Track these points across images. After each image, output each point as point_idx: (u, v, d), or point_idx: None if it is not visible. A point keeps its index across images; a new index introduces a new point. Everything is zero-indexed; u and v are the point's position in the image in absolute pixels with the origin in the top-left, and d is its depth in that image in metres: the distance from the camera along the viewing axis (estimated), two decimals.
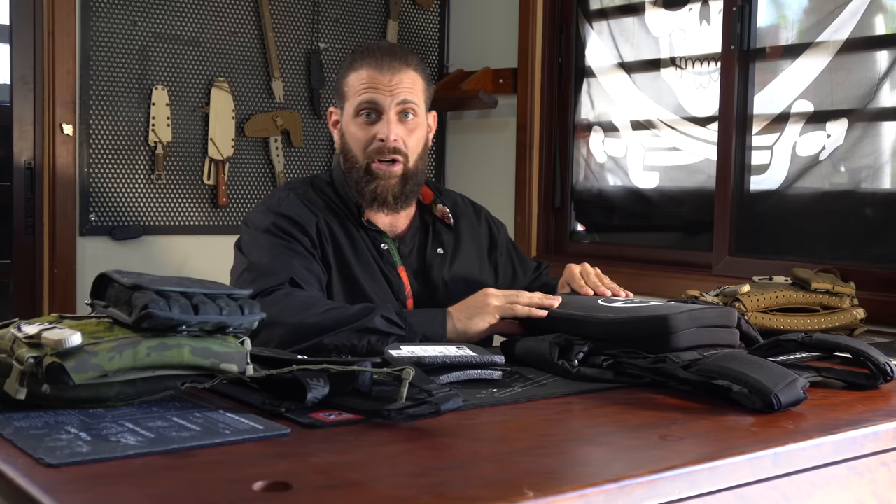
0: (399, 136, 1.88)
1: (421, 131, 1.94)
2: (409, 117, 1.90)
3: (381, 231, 1.95)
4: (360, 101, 1.88)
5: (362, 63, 1.91)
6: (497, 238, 2.11)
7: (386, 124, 1.87)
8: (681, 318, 1.49)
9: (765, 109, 2.74)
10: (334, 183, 2.00)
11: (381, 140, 1.88)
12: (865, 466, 1.26)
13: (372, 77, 1.88)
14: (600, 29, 3.25)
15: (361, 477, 0.96)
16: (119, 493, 0.90)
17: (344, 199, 1.96)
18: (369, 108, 1.88)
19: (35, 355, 1.11)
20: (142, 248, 3.05)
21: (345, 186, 1.96)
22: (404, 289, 1.94)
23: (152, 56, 3.03)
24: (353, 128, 1.91)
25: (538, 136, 3.32)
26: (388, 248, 1.95)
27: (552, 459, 1.07)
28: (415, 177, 1.93)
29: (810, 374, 1.48)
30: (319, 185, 2.00)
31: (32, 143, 2.92)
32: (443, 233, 2.02)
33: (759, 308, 1.93)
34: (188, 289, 1.19)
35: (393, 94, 1.87)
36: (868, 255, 2.49)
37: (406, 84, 1.89)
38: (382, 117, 1.88)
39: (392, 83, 1.88)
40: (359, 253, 1.91)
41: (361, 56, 1.92)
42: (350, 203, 1.95)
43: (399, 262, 1.95)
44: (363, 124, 1.90)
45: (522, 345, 1.61)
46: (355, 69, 1.91)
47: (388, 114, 1.88)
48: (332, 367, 1.22)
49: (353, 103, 1.90)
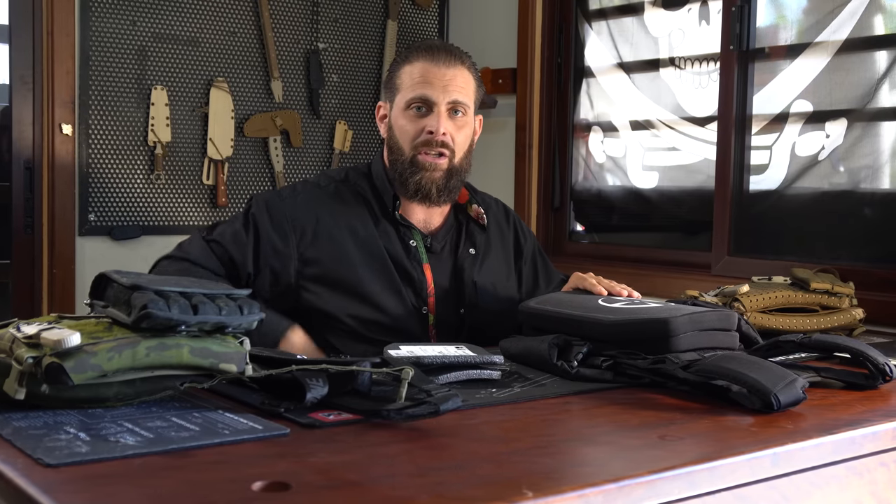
0: (448, 131, 1.89)
1: (469, 129, 1.94)
2: (458, 115, 1.91)
3: (410, 226, 1.94)
4: (413, 96, 1.89)
5: (417, 57, 1.91)
6: (523, 246, 2.10)
7: (436, 118, 1.88)
8: (681, 321, 1.49)
9: (764, 109, 2.74)
10: (371, 175, 1.99)
11: (430, 132, 1.88)
12: (864, 466, 1.26)
13: (426, 71, 1.89)
14: (599, 29, 3.25)
15: (360, 477, 0.96)
16: (118, 493, 0.90)
17: (379, 192, 1.96)
18: (421, 102, 1.89)
19: (34, 355, 1.11)
20: (141, 248, 3.05)
21: (383, 179, 1.96)
22: (426, 286, 1.92)
23: (151, 56, 3.03)
24: (402, 120, 1.91)
25: (537, 136, 3.32)
26: (415, 244, 1.94)
27: (551, 459, 1.07)
28: (459, 173, 1.93)
29: (809, 375, 1.48)
30: (354, 176, 1.99)
31: (31, 143, 2.92)
32: (476, 233, 2.01)
33: (759, 308, 1.93)
34: (187, 289, 1.19)
35: (446, 90, 1.88)
36: (867, 255, 2.49)
37: (459, 82, 1.89)
38: (433, 111, 1.88)
39: (446, 79, 1.88)
40: (375, 248, 1.90)
41: (417, 51, 1.92)
42: (384, 195, 1.95)
43: (425, 260, 1.93)
44: (413, 117, 1.90)
45: (522, 345, 1.61)
46: (410, 62, 1.91)
47: (439, 108, 1.88)
48: (331, 367, 1.22)
49: (405, 97, 1.90)
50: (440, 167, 1.89)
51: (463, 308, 1.94)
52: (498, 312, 1.96)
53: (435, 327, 1.92)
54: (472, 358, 1.44)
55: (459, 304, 1.94)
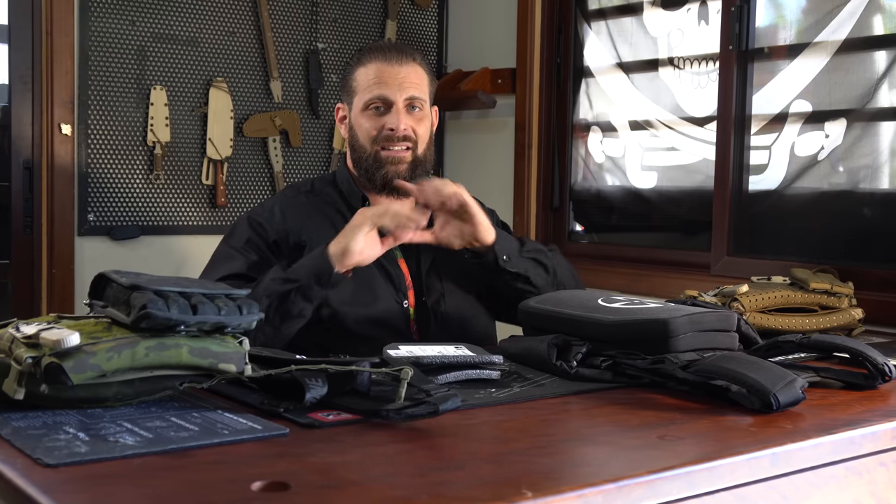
0: (408, 125, 1.95)
1: (427, 121, 2.01)
2: (415, 110, 1.97)
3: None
4: (371, 97, 1.95)
5: (370, 59, 1.98)
6: None
7: (396, 115, 1.94)
8: (681, 321, 1.49)
9: (763, 109, 2.74)
10: (337, 181, 2.05)
11: (390, 129, 1.94)
12: (864, 466, 1.26)
13: (380, 71, 1.95)
14: (599, 29, 3.25)
15: (360, 477, 0.96)
16: (117, 493, 0.90)
17: (346, 197, 2.02)
18: (379, 102, 1.95)
19: (33, 355, 1.11)
20: (140, 248, 3.05)
21: (348, 182, 2.02)
22: (405, 280, 1.96)
23: (151, 56, 3.03)
24: (361, 120, 1.97)
25: (537, 136, 3.32)
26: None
27: (551, 459, 1.07)
28: (423, 163, 1.98)
29: (809, 375, 1.48)
30: (319, 185, 2.06)
31: (31, 143, 2.91)
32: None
33: (758, 308, 1.93)
34: (186, 289, 1.19)
35: (402, 88, 1.94)
36: (866, 255, 2.49)
37: (413, 79, 1.96)
38: (392, 109, 1.94)
39: (400, 77, 1.95)
40: None
41: (369, 53, 1.99)
42: (351, 198, 2.00)
43: (399, 255, 1.97)
44: (373, 116, 1.96)
45: (521, 345, 1.61)
46: (363, 64, 1.98)
47: (397, 105, 1.94)
48: (330, 367, 1.22)
49: (363, 98, 1.96)
50: (405, 159, 1.95)
51: (424, 296, 1.96)
52: (463, 295, 2.00)
53: (415, 321, 1.95)
54: (472, 358, 1.44)
55: (421, 293, 1.97)
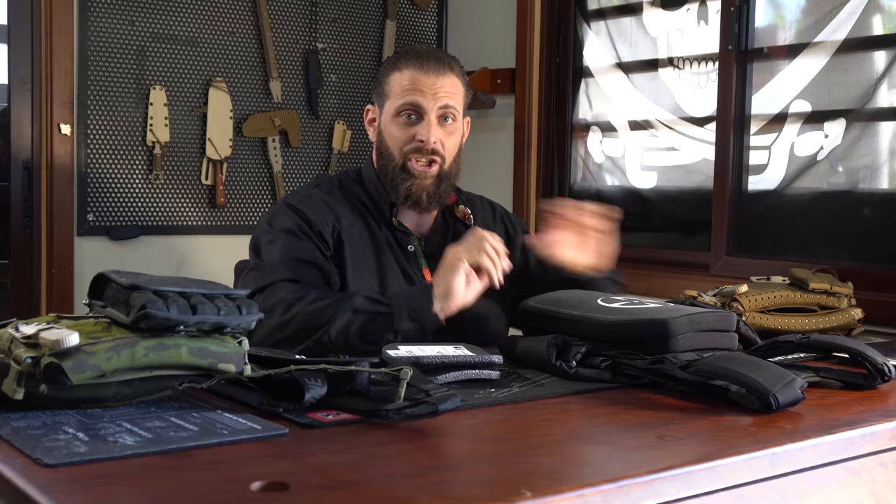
0: (438, 138, 1.90)
1: (458, 134, 1.95)
2: (448, 121, 1.91)
3: (408, 232, 1.95)
4: (403, 103, 1.89)
5: (406, 64, 1.91)
6: (514, 238, 2.10)
7: (427, 126, 1.88)
8: (680, 321, 1.49)
9: (763, 109, 2.74)
10: (364, 181, 1.99)
11: (420, 141, 1.89)
12: (863, 466, 1.26)
13: (415, 79, 1.89)
14: (598, 29, 3.25)
15: (359, 477, 0.96)
16: (117, 493, 0.90)
17: (374, 198, 1.96)
18: (411, 109, 1.89)
19: (33, 355, 1.11)
20: (140, 248, 3.05)
21: (377, 185, 1.96)
22: None
23: (150, 56, 3.03)
24: (392, 127, 1.92)
25: (536, 136, 3.32)
26: (413, 249, 1.94)
27: (550, 459, 1.07)
28: (448, 178, 1.93)
29: (808, 375, 1.48)
30: (347, 183, 1.99)
31: (30, 143, 2.91)
32: (462, 234, 2.02)
33: (757, 308, 1.93)
34: (186, 289, 1.19)
35: (436, 97, 1.88)
36: (866, 255, 2.49)
37: (448, 89, 1.90)
38: (423, 119, 1.89)
39: (435, 86, 1.88)
40: (382, 254, 1.90)
41: (405, 57, 1.92)
42: (380, 202, 1.95)
43: (424, 264, 1.94)
44: (403, 124, 1.90)
45: (520, 345, 1.61)
46: (399, 69, 1.92)
47: (429, 116, 1.89)
48: (329, 367, 1.22)
49: (395, 104, 1.90)
50: (431, 174, 1.90)
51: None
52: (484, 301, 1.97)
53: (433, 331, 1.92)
54: (471, 358, 1.44)
55: None
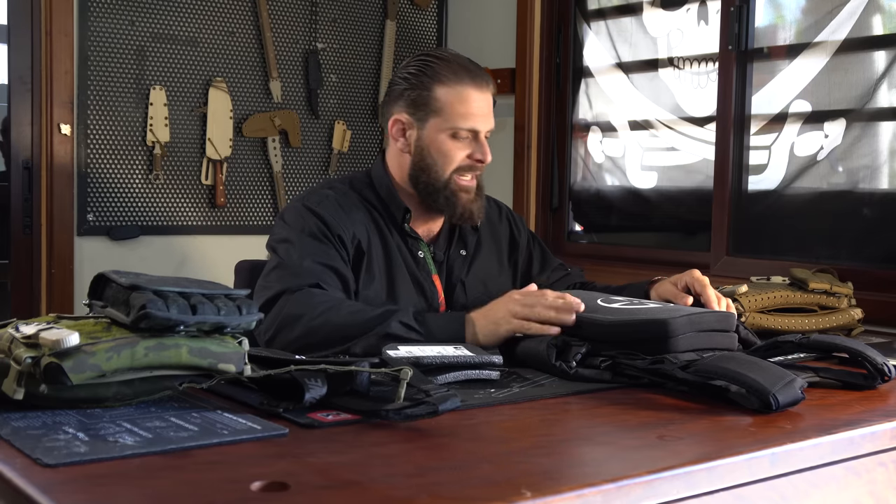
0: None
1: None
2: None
3: (418, 238, 1.94)
4: (465, 127, 1.87)
5: (455, 79, 1.86)
6: (518, 239, 2.11)
7: (483, 146, 1.90)
8: (680, 321, 1.49)
9: (763, 109, 2.74)
10: (374, 185, 1.96)
11: (478, 161, 1.90)
12: (863, 466, 1.26)
13: (471, 99, 1.86)
14: (598, 29, 3.25)
15: (359, 477, 0.96)
16: (117, 493, 0.90)
17: (385, 203, 1.93)
18: (471, 133, 1.89)
19: (33, 355, 1.11)
20: (140, 249, 3.05)
21: (389, 190, 1.93)
22: (437, 297, 1.92)
23: (150, 56, 3.03)
24: (445, 146, 1.88)
25: (536, 137, 3.32)
26: (423, 255, 1.94)
27: (550, 459, 1.07)
28: (481, 186, 1.97)
29: (808, 375, 1.48)
30: (358, 186, 1.96)
31: (30, 143, 2.91)
32: (468, 234, 2.02)
33: (757, 308, 1.93)
34: (186, 289, 1.19)
35: (486, 118, 1.89)
36: (866, 255, 2.49)
37: (491, 104, 1.92)
38: (478, 139, 1.90)
39: (487, 106, 1.89)
40: (393, 259, 1.89)
41: (451, 70, 1.87)
42: (393, 207, 1.92)
43: (434, 271, 1.94)
44: (459, 144, 1.88)
45: (520, 345, 1.61)
46: (445, 84, 1.86)
47: (481, 135, 1.90)
48: (329, 367, 1.22)
49: (451, 123, 1.86)
50: (473, 188, 1.93)
51: (449, 308, 1.94)
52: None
53: None
54: (471, 358, 1.44)
55: (448, 305, 1.94)
